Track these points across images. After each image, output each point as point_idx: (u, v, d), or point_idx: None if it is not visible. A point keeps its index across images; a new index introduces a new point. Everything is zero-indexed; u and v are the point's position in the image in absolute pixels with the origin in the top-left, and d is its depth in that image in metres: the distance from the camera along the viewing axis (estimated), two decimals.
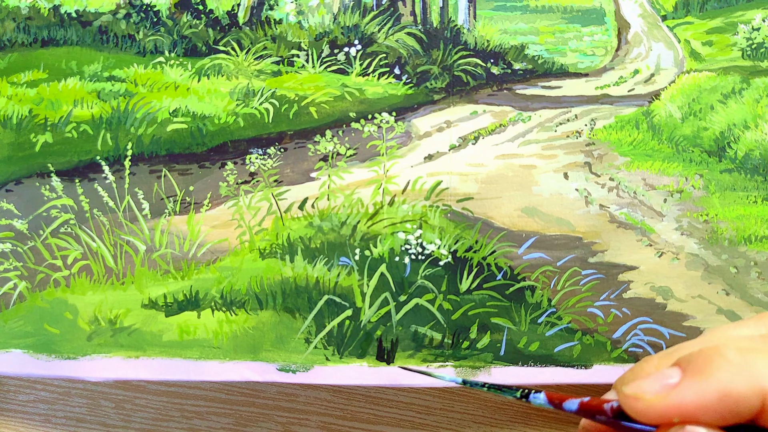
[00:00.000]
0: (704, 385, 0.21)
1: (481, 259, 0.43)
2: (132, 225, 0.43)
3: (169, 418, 0.44)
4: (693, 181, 0.44)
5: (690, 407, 0.21)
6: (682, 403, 0.21)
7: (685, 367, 0.22)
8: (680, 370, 0.22)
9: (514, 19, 0.47)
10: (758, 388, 0.21)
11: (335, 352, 0.41)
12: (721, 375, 0.21)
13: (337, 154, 0.45)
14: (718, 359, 0.22)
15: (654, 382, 0.22)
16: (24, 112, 0.45)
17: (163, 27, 0.47)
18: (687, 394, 0.21)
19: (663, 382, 0.22)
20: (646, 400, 0.22)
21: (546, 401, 0.25)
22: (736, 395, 0.21)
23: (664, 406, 0.22)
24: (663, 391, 0.22)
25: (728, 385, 0.21)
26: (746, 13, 0.46)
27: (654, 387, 0.22)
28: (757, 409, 0.21)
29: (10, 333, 0.42)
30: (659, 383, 0.22)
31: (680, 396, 0.21)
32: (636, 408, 0.22)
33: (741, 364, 0.21)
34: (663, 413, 0.22)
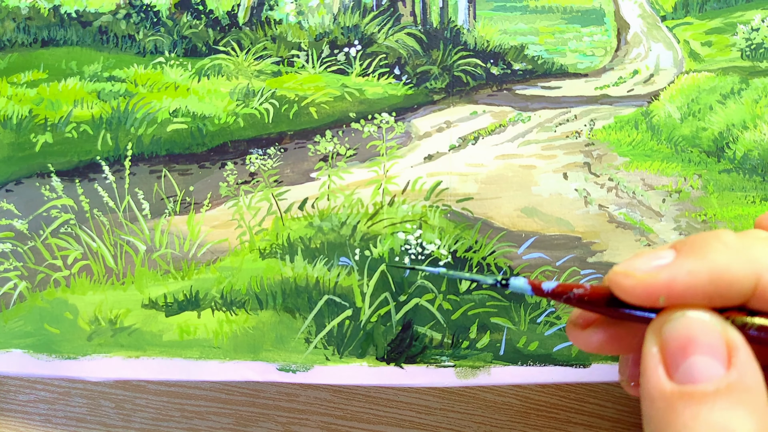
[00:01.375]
0: (698, 264, 0.20)
1: (481, 259, 0.43)
2: (132, 225, 0.43)
3: (169, 418, 0.44)
4: (692, 182, 0.44)
5: (679, 286, 0.20)
6: (673, 281, 0.20)
7: (680, 248, 0.21)
8: (674, 251, 0.21)
9: (513, 20, 0.47)
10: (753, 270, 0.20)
11: (335, 352, 0.41)
12: (716, 256, 0.20)
13: (337, 155, 0.45)
14: (715, 242, 0.21)
15: (647, 261, 0.21)
16: (24, 112, 0.45)
17: (163, 27, 0.47)
18: (678, 272, 0.20)
19: (655, 261, 0.21)
20: (635, 277, 0.21)
21: (525, 283, 0.24)
22: (730, 276, 0.20)
23: (653, 284, 0.21)
24: (654, 270, 0.21)
25: (723, 266, 0.20)
26: (745, 14, 0.46)
27: (646, 265, 0.21)
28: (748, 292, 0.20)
29: (10, 333, 0.42)
30: (652, 262, 0.21)
31: (671, 273, 0.20)
32: (624, 285, 0.21)
33: (738, 247, 0.21)
34: (651, 291, 0.21)
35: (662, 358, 0.21)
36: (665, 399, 0.20)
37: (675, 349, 0.20)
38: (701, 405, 0.19)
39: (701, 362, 0.20)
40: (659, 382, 0.20)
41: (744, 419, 0.19)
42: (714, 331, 0.20)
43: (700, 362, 0.20)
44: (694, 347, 0.20)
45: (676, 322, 0.21)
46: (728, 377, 0.20)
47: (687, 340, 0.20)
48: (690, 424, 0.19)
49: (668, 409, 0.20)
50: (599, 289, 0.23)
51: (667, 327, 0.21)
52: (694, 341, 0.20)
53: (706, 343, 0.20)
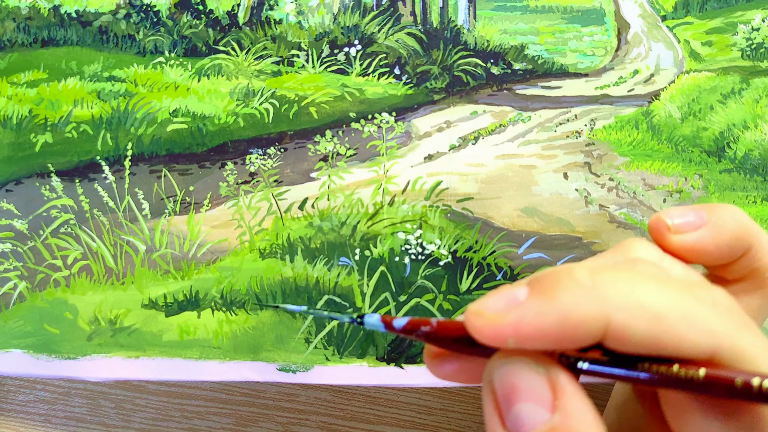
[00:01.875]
0: (547, 305, 0.19)
1: (481, 259, 0.43)
2: (132, 225, 0.43)
3: (169, 418, 0.44)
4: (692, 181, 0.44)
5: (527, 329, 0.19)
6: (521, 323, 0.19)
7: (533, 285, 0.21)
8: (528, 289, 0.21)
9: (514, 20, 0.47)
10: (602, 311, 0.19)
11: (335, 352, 0.41)
12: (565, 296, 0.19)
13: (337, 154, 0.45)
14: (566, 279, 0.20)
15: (499, 300, 0.20)
16: (24, 112, 0.45)
17: (163, 27, 0.47)
18: (527, 314, 0.20)
19: (508, 300, 0.20)
20: (486, 317, 0.20)
21: (379, 321, 0.24)
22: (578, 317, 0.19)
23: (502, 325, 0.20)
24: (505, 309, 0.20)
25: (571, 307, 0.19)
26: (746, 14, 0.46)
27: (498, 304, 0.20)
28: (598, 336, 0.19)
29: (10, 333, 0.42)
30: (504, 300, 0.20)
31: (520, 315, 0.20)
32: (475, 325, 0.20)
33: (588, 285, 0.20)
34: (500, 333, 0.20)
35: (494, 407, 0.20)
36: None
37: (502, 398, 0.20)
38: None
39: (525, 409, 0.20)
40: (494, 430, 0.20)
41: None
42: (536, 376, 0.20)
43: (524, 410, 0.20)
44: (518, 395, 0.20)
45: (500, 370, 0.20)
46: (551, 421, 0.19)
47: (510, 389, 0.20)
48: None
49: None
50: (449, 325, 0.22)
51: (496, 375, 0.20)
52: (517, 389, 0.20)
53: (528, 390, 0.20)
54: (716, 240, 0.24)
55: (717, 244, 0.24)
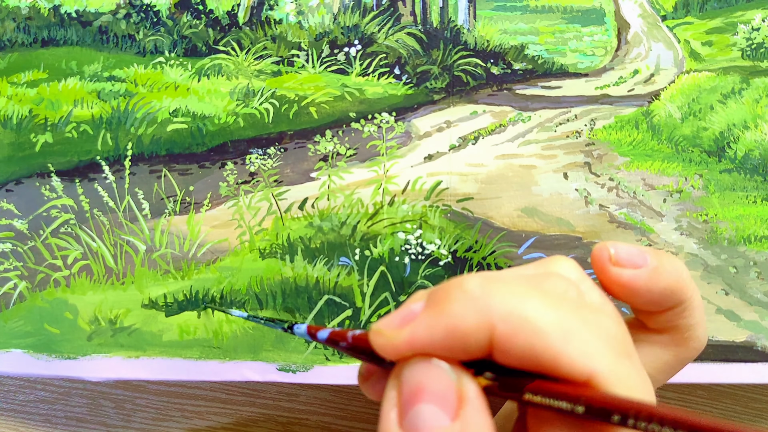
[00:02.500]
0: (436, 319, 0.20)
1: (481, 259, 0.43)
2: (132, 225, 0.43)
3: (169, 418, 0.44)
4: (692, 181, 0.44)
5: (420, 342, 0.20)
6: (413, 337, 0.20)
7: (427, 300, 0.21)
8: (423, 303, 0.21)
9: (514, 20, 0.47)
10: (486, 321, 0.19)
11: (335, 352, 0.41)
12: (453, 307, 0.20)
13: (337, 154, 0.45)
14: (456, 291, 0.20)
15: (396, 317, 0.21)
16: (24, 112, 0.45)
17: (163, 27, 0.47)
18: (419, 328, 0.20)
19: (404, 316, 0.21)
20: (384, 335, 0.20)
21: (305, 332, 0.24)
22: (464, 329, 0.19)
23: (399, 341, 0.20)
24: (400, 325, 0.20)
25: (458, 318, 0.19)
26: (746, 13, 0.46)
27: (395, 321, 0.21)
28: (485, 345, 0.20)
29: (10, 333, 0.42)
30: (400, 317, 0.21)
31: (413, 330, 0.20)
32: (376, 343, 0.21)
33: (476, 296, 0.20)
34: (398, 349, 0.20)
35: (397, 403, 0.20)
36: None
37: (407, 394, 0.20)
38: None
39: (427, 411, 0.19)
40: (388, 427, 0.20)
41: None
42: (446, 380, 0.20)
43: (426, 411, 0.19)
44: (424, 395, 0.20)
45: (412, 368, 0.20)
46: (450, 429, 0.19)
47: (418, 387, 0.20)
48: None
49: None
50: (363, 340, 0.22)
51: (404, 372, 0.20)
52: (425, 389, 0.20)
53: (436, 392, 0.20)
54: (650, 284, 0.24)
55: (650, 289, 0.24)
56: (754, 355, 0.40)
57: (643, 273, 0.24)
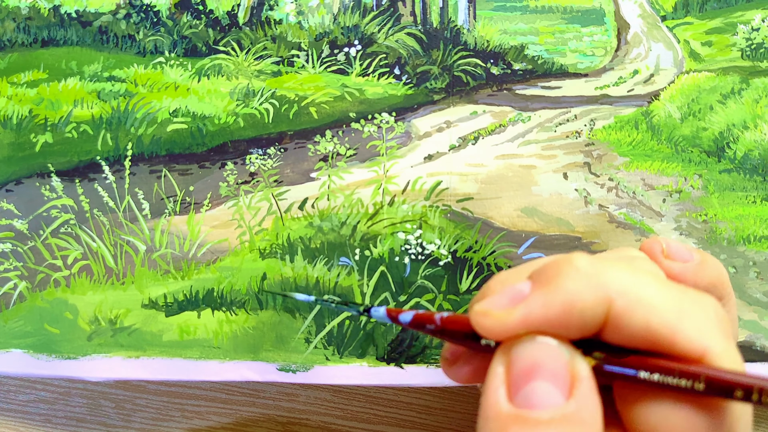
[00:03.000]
0: (551, 295, 0.20)
1: (481, 259, 0.43)
2: (132, 225, 0.43)
3: (169, 418, 0.44)
4: (692, 181, 0.44)
5: (536, 321, 0.20)
6: (529, 316, 0.20)
7: (535, 278, 0.21)
8: (531, 282, 0.21)
9: (513, 20, 0.47)
10: (603, 297, 0.20)
11: (335, 352, 0.41)
12: (568, 284, 0.20)
13: (337, 154, 0.45)
14: (567, 268, 0.20)
15: (503, 297, 0.21)
16: (24, 112, 0.45)
17: (163, 27, 0.47)
18: (533, 306, 0.20)
19: (512, 296, 0.21)
20: (493, 316, 0.21)
21: (385, 315, 0.24)
22: (582, 305, 0.20)
23: (511, 321, 0.20)
24: (511, 305, 0.21)
25: (574, 294, 0.20)
26: (746, 14, 0.46)
27: (503, 301, 0.21)
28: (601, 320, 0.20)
29: (10, 333, 0.42)
30: (508, 297, 0.21)
31: (527, 309, 0.20)
32: (484, 325, 0.21)
33: (590, 273, 0.20)
34: (510, 328, 0.20)
35: (506, 379, 0.20)
36: (500, 420, 0.20)
37: (519, 371, 0.20)
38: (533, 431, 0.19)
39: (541, 388, 0.20)
40: (497, 402, 0.20)
41: None
42: (561, 359, 0.20)
43: (541, 388, 0.20)
44: (538, 373, 0.20)
45: (525, 345, 0.20)
46: (566, 408, 0.19)
47: (532, 365, 0.20)
48: None
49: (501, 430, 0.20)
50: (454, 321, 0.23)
51: (516, 349, 0.20)
52: (539, 367, 0.20)
53: (550, 370, 0.20)
54: (697, 278, 0.24)
55: (696, 282, 0.24)
56: (753, 355, 0.40)
57: (691, 267, 0.25)
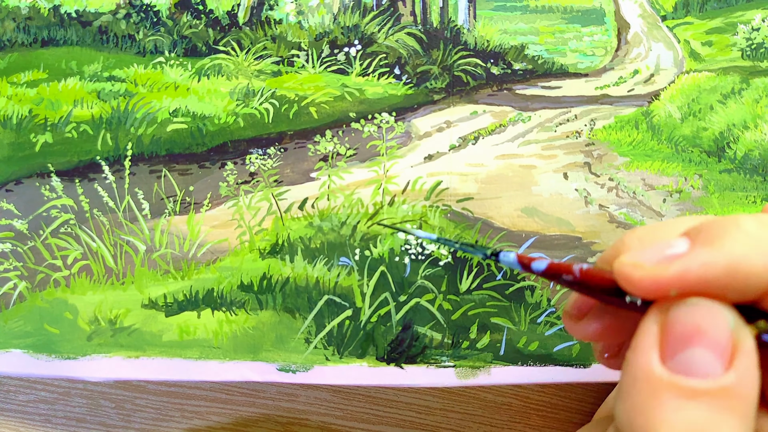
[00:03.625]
0: (714, 255, 0.19)
1: (481, 259, 0.43)
2: (132, 225, 0.43)
3: (169, 418, 0.44)
4: (692, 181, 0.44)
5: (693, 279, 0.19)
6: (686, 273, 0.19)
7: (694, 236, 0.20)
8: (689, 240, 0.20)
9: (514, 20, 0.47)
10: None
11: (335, 352, 0.41)
12: (734, 246, 0.19)
13: (337, 154, 0.45)
14: (735, 230, 0.19)
15: (657, 251, 0.20)
16: (24, 112, 0.45)
17: (163, 27, 0.47)
18: (692, 264, 0.19)
19: (668, 252, 0.20)
20: (645, 269, 0.19)
21: (515, 260, 0.23)
22: (748, 269, 0.19)
23: (665, 277, 0.19)
24: (665, 261, 0.19)
25: (741, 257, 0.19)
26: (746, 14, 0.46)
27: (656, 256, 0.20)
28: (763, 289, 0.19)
29: (10, 333, 0.42)
30: (663, 252, 0.20)
31: (685, 265, 0.19)
32: (633, 277, 0.20)
33: (760, 237, 0.19)
34: (662, 284, 0.19)
35: (660, 341, 0.19)
36: (651, 383, 0.19)
37: (678, 334, 0.19)
38: (688, 400, 0.18)
39: (701, 356, 0.19)
40: (650, 364, 0.19)
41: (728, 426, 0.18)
42: (725, 326, 0.19)
43: (700, 356, 0.19)
44: (699, 339, 0.19)
45: (688, 307, 0.19)
46: (724, 379, 0.18)
47: (694, 329, 0.19)
48: (670, 416, 0.18)
49: (651, 394, 0.19)
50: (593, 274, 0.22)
51: (676, 310, 0.19)
52: (701, 332, 0.19)
53: (713, 338, 0.19)
54: None
55: None
56: None
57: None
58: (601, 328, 0.24)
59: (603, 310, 0.24)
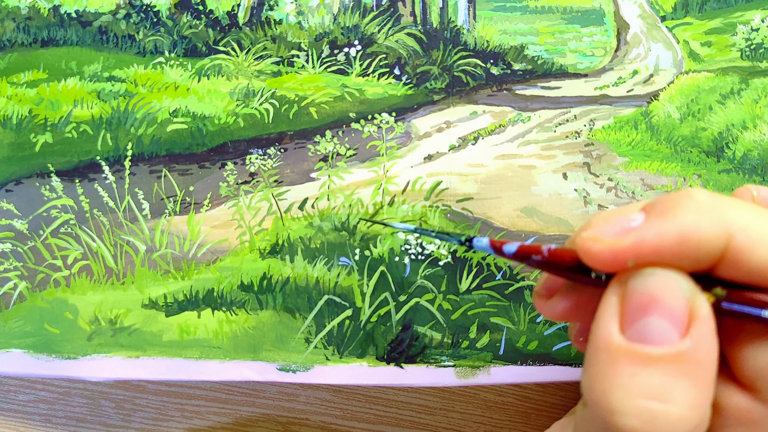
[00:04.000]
0: (666, 225, 0.20)
1: (481, 259, 0.43)
2: (132, 225, 0.44)
3: (169, 418, 0.44)
4: (691, 182, 0.44)
5: (647, 248, 0.20)
6: (641, 243, 0.20)
7: (649, 209, 0.21)
8: (644, 213, 0.21)
9: (513, 20, 0.47)
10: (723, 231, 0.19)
11: (335, 352, 0.41)
12: (686, 216, 0.20)
13: (337, 155, 0.45)
14: (687, 201, 0.20)
15: (615, 225, 0.21)
16: (24, 112, 0.45)
17: (163, 27, 0.47)
18: (646, 234, 0.20)
19: (624, 225, 0.21)
20: (603, 242, 0.20)
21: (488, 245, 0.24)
22: (699, 237, 0.19)
23: (621, 248, 0.20)
24: (623, 233, 0.20)
25: (692, 225, 0.19)
26: (745, 14, 0.47)
27: (614, 229, 0.21)
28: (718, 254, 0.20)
29: (10, 333, 0.42)
30: (620, 226, 0.21)
31: (639, 236, 0.20)
32: (592, 250, 0.20)
33: (710, 206, 0.20)
34: (619, 255, 0.20)
35: (619, 311, 0.20)
36: (610, 352, 0.19)
37: (635, 304, 0.20)
38: (643, 366, 0.19)
39: (656, 324, 0.19)
40: (609, 334, 0.20)
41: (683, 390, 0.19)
42: (680, 294, 0.19)
43: (656, 324, 0.19)
44: (655, 307, 0.19)
45: (644, 277, 0.20)
46: (680, 345, 0.19)
47: (649, 299, 0.19)
48: (627, 382, 0.19)
49: (610, 362, 0.19)
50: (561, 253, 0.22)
51: (633, 281, 0.20)
52: (657, 301, 0.19)
53: (668, 306, 0.19)
54: None
55: None
56: None
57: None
58: (569, 307, 0.24)
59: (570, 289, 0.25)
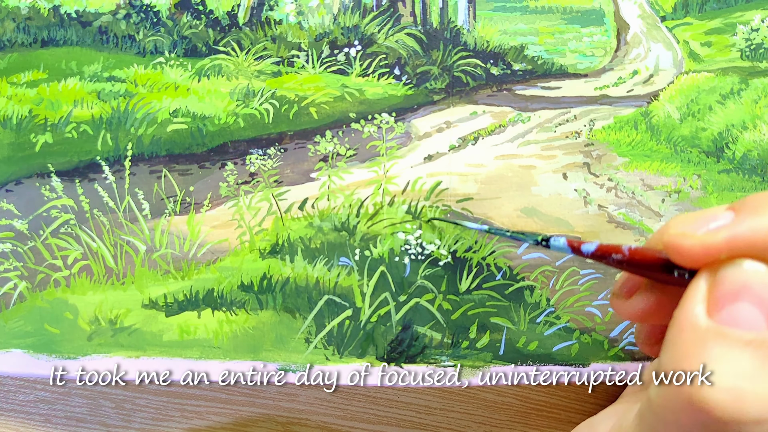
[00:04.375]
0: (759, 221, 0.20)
1: (481, 260, 0.43)
2: (132, 225, 0.44)
3: (169, 418, 0.45)
4: (691, 182, 0.44)
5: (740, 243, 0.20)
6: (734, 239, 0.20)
7: (738, 208, 0.21)
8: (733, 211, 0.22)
9: (513, 20, 0.47)
10: None
11: (335, 352, 0.41)
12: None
13: (337, 155, 0.45)
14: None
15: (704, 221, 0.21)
16: (24, 112, 0.45)
17: (163, 27, 0.47)
18: (740, 230, 0.20)
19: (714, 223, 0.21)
20: (695, 237, 0.21)
21: (566, 245, 0.25)
22: None
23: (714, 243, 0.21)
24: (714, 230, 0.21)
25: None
26: (745, 14, 0.47)
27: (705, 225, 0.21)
28: None
29: (10, 333, 0.42)
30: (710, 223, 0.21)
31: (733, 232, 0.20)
32: (682, 246, 0.21)
33: None
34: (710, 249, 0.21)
35: (708, 296, 0.21)
36: (697, 332, 0.20)
37: (726, 291, 0.20)
38: (734, 348, 0.19)
39: (747, 310, 0.20)
40: (696, 315, 0.20)
41: None
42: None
43: (746, 310, 0.20)
44: (746, 294, 0.20)
45: (737, 267, 0.21)
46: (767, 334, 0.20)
47: (741, 286, 0.20)
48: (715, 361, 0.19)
49: (697, 342, 0.20)
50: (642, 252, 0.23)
51: (725, 270, 0.21)
52: (749, 289, 0.20)
53: (759, 295, 0.20)
54: None
55: None
56: None
57: None
58: (648, 306, 0.25)
59: (650, 289, 0.25)
